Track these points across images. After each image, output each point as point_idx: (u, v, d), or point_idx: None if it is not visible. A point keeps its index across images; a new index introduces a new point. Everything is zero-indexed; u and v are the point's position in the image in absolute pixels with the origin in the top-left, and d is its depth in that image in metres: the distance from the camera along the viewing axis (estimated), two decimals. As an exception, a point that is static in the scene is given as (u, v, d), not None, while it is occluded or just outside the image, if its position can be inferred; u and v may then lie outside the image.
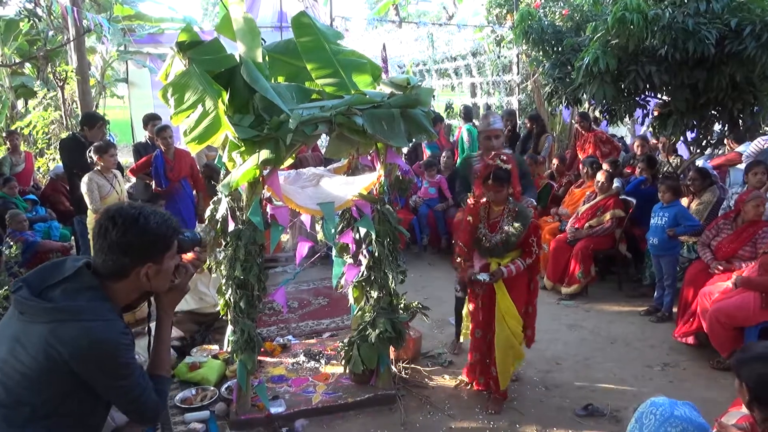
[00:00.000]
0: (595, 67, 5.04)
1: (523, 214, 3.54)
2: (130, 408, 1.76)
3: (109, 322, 1.63)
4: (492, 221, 3.62)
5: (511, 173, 3.52)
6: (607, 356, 4.45)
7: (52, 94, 9.78)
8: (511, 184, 3.55)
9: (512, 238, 3.52)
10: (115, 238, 1.65)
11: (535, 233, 3.59)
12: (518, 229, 3.51)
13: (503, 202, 3.59)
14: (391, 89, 3.50)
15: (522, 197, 3.72)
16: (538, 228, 3.63)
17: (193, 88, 3.10)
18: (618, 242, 5.83)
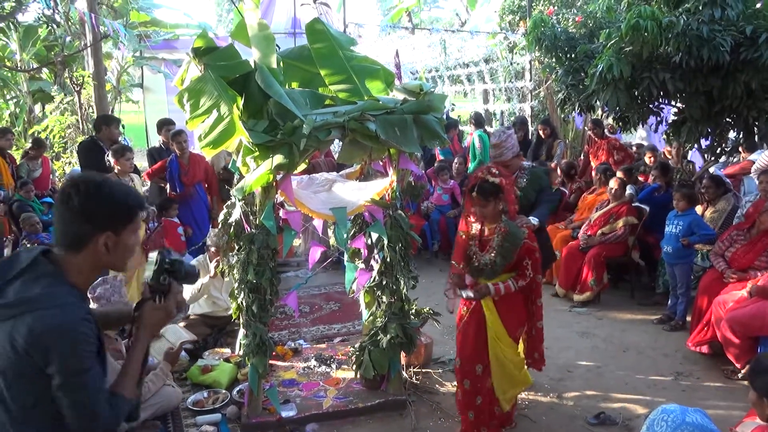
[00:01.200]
0: (608, 74, 5.03)
1: (513, 235, 3.21)
2: (72, 413, 1.55)
3: (65, 308, 1.54)
4: (484, 239, 3.31)
5: (501, 188, 3.19)
6: (620, 365, 4.41)
7: (68, 99, 9.92)
8: (500, 199, 3.20)
9: (499, 259, 3.21)
10: (78, 203, 1.60)
11: (529, 255, 3.27)
12: (506, 250, 3.20)
13: (495, 219, 3.27)
14: (404, 95, 3.51)
15: (518, 216, 3.39)
16: (533, 251, 3.28)
17: (208, 94, 3.14)
18: (631, 250, 5.80)
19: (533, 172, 4.01)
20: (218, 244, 4.39)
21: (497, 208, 3.22)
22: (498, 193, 3.19)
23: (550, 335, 4.92)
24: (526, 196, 3.92)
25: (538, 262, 3.36)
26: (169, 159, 6.17)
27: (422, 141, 3.48)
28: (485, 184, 3.19)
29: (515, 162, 3.97)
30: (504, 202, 3.23)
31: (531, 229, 3.42)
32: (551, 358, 4.47)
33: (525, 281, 3.29)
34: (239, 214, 3.42)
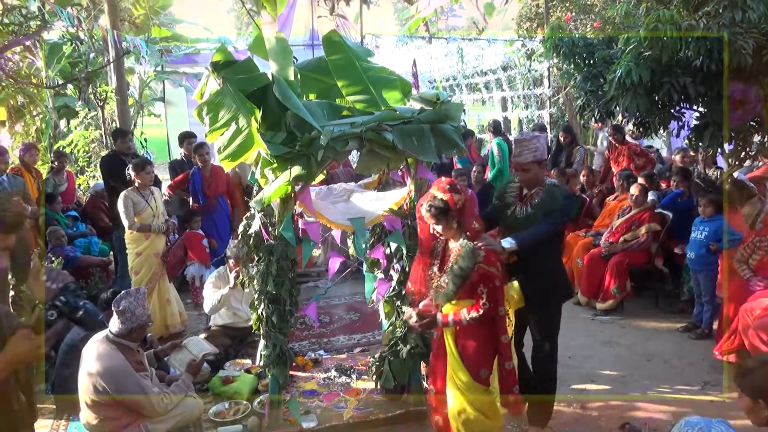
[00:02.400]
0: (627, 79, 4.97)
1: (463, 257, 2.87)
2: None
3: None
4: (446, 259, 3.03)
5: (451, 206, 2.88)
6: (644, 374, 4.34)
7: (92, 114, 10.10)
8: (452, 217, 2.91)
9: (450, 282, 2.91)
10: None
11: (485, 283, 2.88)
12: (455, 273, 2.89)
13: (453, 237, 2.99)
14: (421, 105, 3.52)
15: (482, 236, 2.99)
16: (490, 278, 2.89)
17: (227, 107, 3.18)
18: (654, 257, 5.71)
19: (550, 192, 3.33)
20: (238, 255, 4.42)
21: (450, 225, 2.94)
22: (448, 211, 2.90)
23: (573, 344, 4.88)
24: (533, 217, 3.30)
25: (499, 292, 2.94)
26: (191, 171, 6.25)
27: (440, 150, 3.47)
28: (433, 201, 2.91)
29: (534, 169, 3.32)
30: (456, 220, 2.93)
31: (494, 252, 2.95)
32: (574, 368, 4.43)
33: (478, 313, 2.88)
34: (258, 226, 3.44)
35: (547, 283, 3.35)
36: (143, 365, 3.30)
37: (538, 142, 3.34)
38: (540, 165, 3.36)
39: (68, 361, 3.54)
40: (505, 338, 3.01)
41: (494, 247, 2.96)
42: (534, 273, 3.31)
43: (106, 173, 6.17)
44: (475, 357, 2.99)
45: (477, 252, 2.87)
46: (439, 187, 2.95)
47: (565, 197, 3.37)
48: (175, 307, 5.35)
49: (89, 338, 3.26)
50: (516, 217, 3.36)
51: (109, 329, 3.19)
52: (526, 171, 3.33)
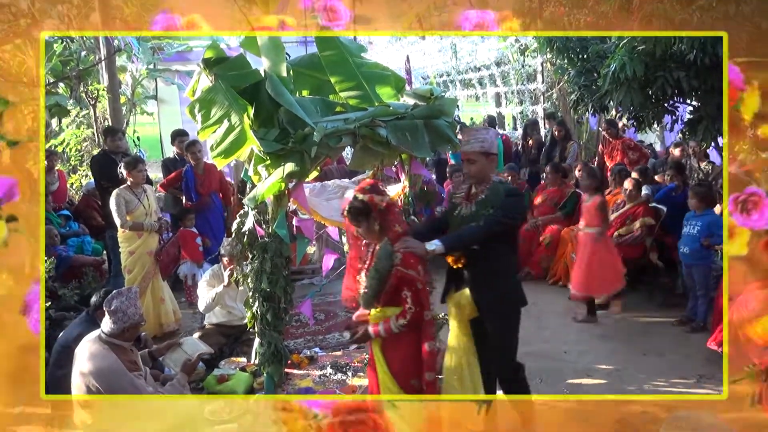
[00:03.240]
0: (621, 73, 4.97)
1: (380, 259, 2.78)
2: None
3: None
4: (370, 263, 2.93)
5: (371, 206, 2.79)
6: (640, 368, 4.34)
7: (84, 112, 10.03)
8: (373, 218, 2.81)
9: (369, 285, 2.84)
10: None
11: (408, 286, 2.75)
12: (372, 276, 2.81)
13: (376, 240, 2.90)
14: (415, 100, 3.51)
15: (404, 238, 2.83)
16: (411, 281, 2.76)
17: (219, 104, 3.16)
18: (649, 251, 5.71)
19: (494, 189, 3.08)
20: (232, 253, 4.39)
21: (372, 227, 2.85)
22: (368, 212, 2.81)
23: (568, 339, 4.89)
24: (476, 216, 3.06)
25: (423, 295, 2.81)
26: (184, 169, 6.22)
27: (433, 146, 3.46)
28: (354, 202, 2.83)
29: (481, 162, 3.06)
30: (377, 222, 2.83)
31: (414, 255, 2.79)
32: (570, 362, 4.44)
33: (405, 319, 2.77)
34: (252, 223, 3.42)
35: (497, 290, 3.09)
36: (137, 365, 3.27)
37: (487, 133, 3.12)
38: (488, 158, 3.09)
39: (61, 362, 3.51)
40: (430, 345, 2.83)
41: (414, 249, 2.81)
42: (482, 279, 3.09)
43: (96, 173, 6.12)
44: (403, 366, 2.87)
45: (394, 254, 2.77)
46: (360, 188, 2.86)
47: (509, 195, 3.05)
48: (169, 305, 5.32)
49: (82, 338, 3.23)
50: (462, 216, 3.12)
51: (102, 329, 3.17)
52: (471, 162, 3.08)
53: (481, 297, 3.10)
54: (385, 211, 2.82)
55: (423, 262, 2.85)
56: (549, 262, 6.44)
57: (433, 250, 2.85)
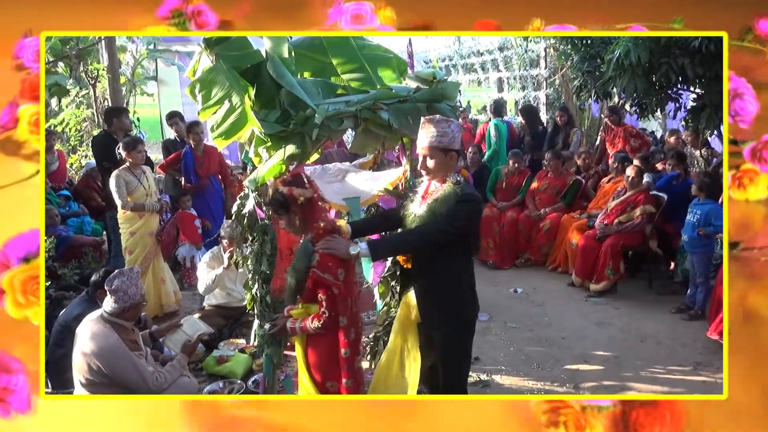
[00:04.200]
0: (626, 59, 4.93)
1: (299, 257, 2.66)
2: None
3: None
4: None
5: (290, 200, 2.63)
6: (637, 355, 4.37)
7: (84, 92, 9.97)
8: (293, 212, 2.66)
9: (287, 283, 2.74)
10: None
11: (323, 290, 2.59)
12: (290, 273, 2.71)
13: (298, 234, 2.78)
14: (417, 84, 3.48)
15: (327, 237, 2.65)
16: (325, 284, 2.59)
17: (220, 84, 3.12)
18: (648, 239, 5.72)
19: (447, 192, 2.72)
20: (232, 235, 4.39)
21: (292, 221, 2.69)
22: (288, 206, 2.65)
23: (566, 325, 4.91)
24: (423, 218, 2.75)
25: (338, 301, 2.62)
26: (183, 151, 6.19)
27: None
28: (274, 194, 2.69)
29: (439, 158, 2.72)
30: (297, 217, 2.67)
31: (332, 257, 2.61)
32: (567, 348, 4.46)
33: (320, 322, 2.61)
34: (252, 205, 3.41)
35: (443, 304, 2.80)
36: (138, 345, 3.29)
37: (449, 126, 2.73)
38: (447, 155, 2.72)
39: (62, 341, 3.52)
40: (345, 353, 2.67)
41: (333, 250, 2.60)
42: (426, 290, 2.84)
43: (98, 153, 6.10)
44: (321, 368, 2.73)
45: (313, 254, 2.61)
46: (282, 180, 2.72)
47: (461, 201, 2.66)
48: (169, 286, 5.33)
49: (83, 317, 3.24)
50: (413, 215, 2.81)
51: (104, 308, 3.18)
52: (428, 157, 2.74)
53: (425, 310, 2.84)
54: (305, 205, 2.65)
55: (346, 264, 2.64)
56: (549, 248, 6.45)
57: (357, 253, 2.62)
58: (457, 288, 2.80)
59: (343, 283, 2.63)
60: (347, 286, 2.67)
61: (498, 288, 5.90)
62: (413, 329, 2.96)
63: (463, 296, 2.83)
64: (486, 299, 5.49)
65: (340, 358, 2.69)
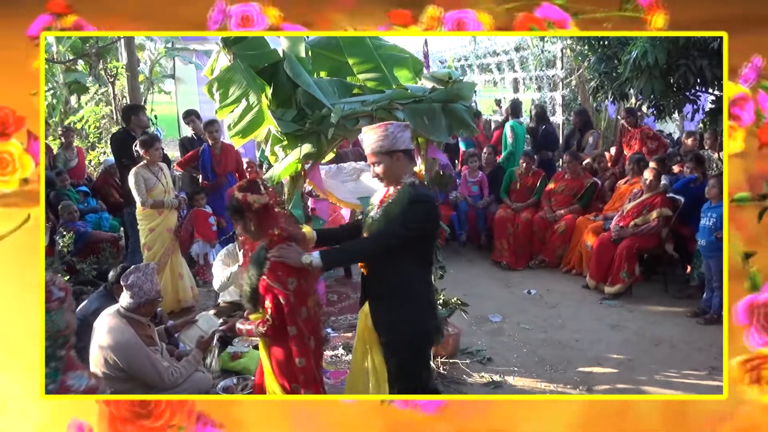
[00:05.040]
0: (643, 61, 4.92)
1: (252, 264, 2.67)
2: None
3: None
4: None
5: (244, 206, 2.59)
6: (652, 358, 4.33)
7: (103, 90, 10.10)
8: (248, 218, 2.61)
9: (243, 288, 2.73)
10: None
11: (271, 298, 2.56)
12: (245, 279, 2.69)
13: (254, 240, 2.75)
14: (433, 84, 3.49)
15: (282, 245, 2.57)
16: (273, 293, 2.56)
17: (237, 83, 3.17)
18: (665, 241, 5.67)
19: (401, 194, 2.62)
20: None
21: (247, 227, 2.65)
22: (242, 212, 2.61)
23: (580, 327, 4.88)
24: (382, 220, 2.66)
25: (288, 311, 2.56)
26: (201, 149, 6.25)
27: (451, 130, 3.45)
28: (231, 199, 2.67)
29: (386, 162, 2.63)
30: (252, 222, 2.62)
31: (283, 265, 2.55)
32: (581, 351, 4.44)
33: (264, 327, 2.59)
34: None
35: (395, 315, 2.65)
36: (153, 340, 3.33)
37: (386, 130, 2.63)
38: (392, 157, 2.61)
39: (80, 335, 3.56)
40: (300, 362, 2.62)
41: (286, 259, 2.53)
42: (378, 299, 2.71)
43: (116, 150, 6.17)
44: (282, 369, 2.69)
45: (264, 261, 2.60)
46: (238, 186, 2.69)
47: (413, 201, 2.56)
48: (187, 281, 5.39)
49: (101, 312, 3.29)
50: (371, 221, 2.73)
51: (120, 303, 3.23)
52: (375, 164, 2.66)
53: (377, 319, 2.72)
54: (260, 211, 2.59)
55: (299, 274, 2.56)
56: (563, 250, 6.43)
57: (309, 263, 2.53)
58: (409, 299, 2.66)
59: (294, 293, 2.56)
60: (299, 296, 2.58)
61: (511, 289, 5.89)
62: (369, 336, 2.83)
63: (416, 307, 2.67)
64: (499, 300, 5.53)
65: (296, 368, 2.62)
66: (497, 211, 6.81)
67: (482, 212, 7.07)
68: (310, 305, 2.66)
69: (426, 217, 2.62)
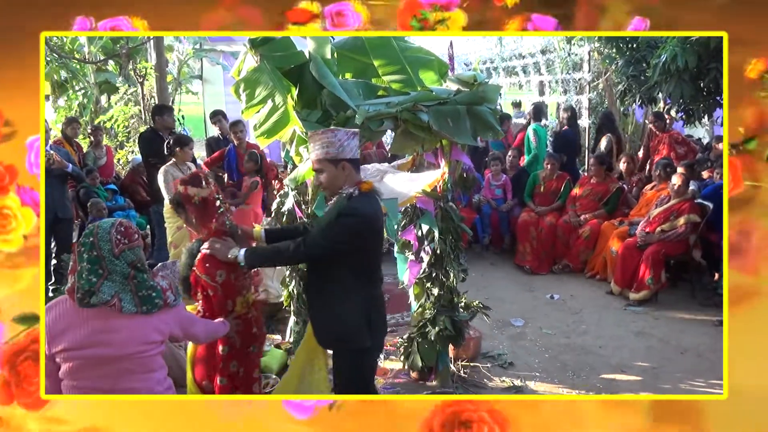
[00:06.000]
0: (672, 64, 4.85)
1: (185, 255, 2.77)
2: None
3: None
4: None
5: (183, 200, 2.66)
6: (677, 366, 4.26)
7: (132, 90, 10.29)
8: (189, 212, 2.70)
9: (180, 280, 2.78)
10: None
11: (200, 288, 2.66)
12: (181, 270, 2.79)
13: (196, 232, 2.81)
14: (458, 86, 3.48)
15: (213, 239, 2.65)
16: (202, 287, 2.67)
17: (263, 84, 3.20)
18: (692, 248, 5.57)
19: (334, 205, 2.62)
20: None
21: (189, 220, 2.73)
22: (183, 205, 2.69)
23: (603, 333, 4.82)
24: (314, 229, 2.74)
25: (215, 303, 2.66)
26: (227, 149, 6.33)
27: (475, 132, 3.43)
28: (174, 192, 2.74)
29: (329, 170, 2.59)
30: (192, 215, 2.69)
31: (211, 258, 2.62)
32: (604, 357, 4.38)
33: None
34: (292, 204, 3.47)
35: (324, 320, 2.70)
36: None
37: (334, 136, 2.57)
38: (337, 165, 2.57)
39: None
40: (223, 350, 2.71)
41: (214, 252, 2.61)
42: (312, 308, 2.77)
43: (144, 149, 6.29)
44: (200, 363, 2.79)
45: (197, 253, 2.68)
46: (182, 179, 2.75)
47: (341, 214, 2.52)
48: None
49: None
50: (311, 227, 2.80)
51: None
52: (318, 171, 2.62)
53: (313, 326, 2.82)
54: (199, 205, 2.66)
55: (228, 267, 2.63)
56: (588, 255, 6.35)
57: (235, 257, 2.59)
58: (341, 312, 2.62)
59: (222, 286, 2.63)
60: (226, 289, 2.64)
61: (534, 293, 5.84)
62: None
63: (347, 320, 2.62)
64: (521, 304, 5.49)
65: (217, 354, 2.70)
66: (520, 215, 6.76)
67: (505, 215, 7.03)
68: (239, 301, 2.72)
69: (350, 231, 2.53)
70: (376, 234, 2.68)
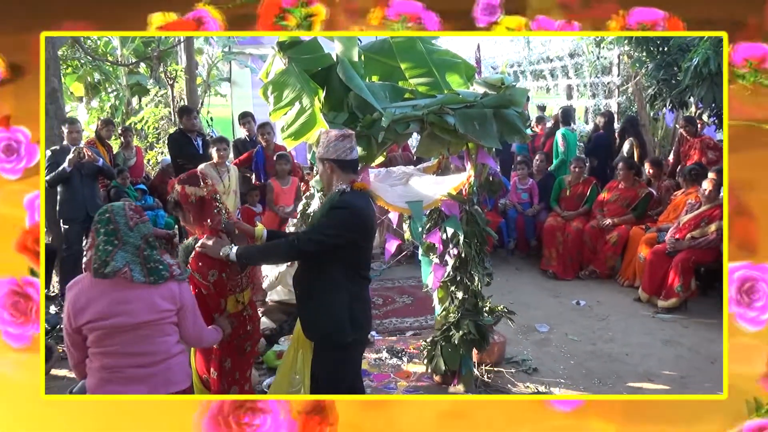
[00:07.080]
0: (705, 68, 4.77)
1: (179, 254, 2.83)
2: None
3: None
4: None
5: (183, 198, 2.69)
6: (707, 377, 4.16)
7: (162, 92, 10.47)
8: (189, 213, 2.72)
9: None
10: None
11: (192, 285, 2.63)
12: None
13: (193, 231, 2.85)
14: (485, 89, 3.47)
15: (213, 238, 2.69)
16: (195, 285, 2.70)
17: (291, 86, 3.23)
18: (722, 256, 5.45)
19: (326, 201, 2.68)
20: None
21: (186, 219, 2.75)
22: (180, 204, 2.72)
23: (631, 341, 4.74)
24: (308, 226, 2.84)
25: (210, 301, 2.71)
26: (255, 150, 6.41)
27: (502, 135, 3.42)
28: (171, 192, 2.76)
29: (322, 170, 2.70)
30: (189, 214, 2.72)
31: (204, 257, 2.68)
32: (631, 365, 4.31)
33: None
34: (317, 205, 3.49)
35: (310, 314, 2.71)
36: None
37: (325, 137, 2.66)
38: (324, 165, 2.65)
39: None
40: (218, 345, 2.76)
41: (207, 250, 2.65)
42: (299, 297, 2.76)
43: (173, 150, 6.39)
44: (200, 359, 2.89)
45: (191, 252, 2.72)
46: (179, 178, 2.78)
47: (334, 207, 2.56)
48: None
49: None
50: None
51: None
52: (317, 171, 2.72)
53: (300, 320, 2.82)
54: (196, 204, 2.69)
55: (221, 266, 2.67)
56: (615, 261, 6.26)
57: (227, 255, 2.61)
58: (326, 306, 2.62)
59: (214, 285, 2.67)
60: (218, 288, 2.69)
61: (560, 299, 5.77)
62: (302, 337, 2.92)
63: (333, 316, 2.61)
64: (547, 310, 5.44)
65: (214, 349, 2.78)
66: (547, 219, 6.69)
67: (531, 220, 6.97)
68: (230, 300, 2.77)
69: (342, 223, 2.54)
70: (368, 230, 2.67)
